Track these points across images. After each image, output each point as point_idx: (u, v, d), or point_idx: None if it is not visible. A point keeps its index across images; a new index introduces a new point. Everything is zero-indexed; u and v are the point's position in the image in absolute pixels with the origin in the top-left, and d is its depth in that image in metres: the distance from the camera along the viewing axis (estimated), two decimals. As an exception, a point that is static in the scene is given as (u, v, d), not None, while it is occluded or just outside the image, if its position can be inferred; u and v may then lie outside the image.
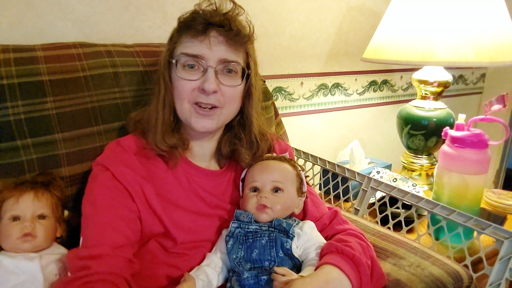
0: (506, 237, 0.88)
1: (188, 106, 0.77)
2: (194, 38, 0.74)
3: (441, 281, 0.78)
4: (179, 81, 0.76)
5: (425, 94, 1.49)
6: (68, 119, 0.85)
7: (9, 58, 0.83)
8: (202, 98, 0.75)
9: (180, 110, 0.78)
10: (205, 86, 0.74)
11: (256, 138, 0.86)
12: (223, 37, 0.75)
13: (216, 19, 0.74)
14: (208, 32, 0.74)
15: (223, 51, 0.75)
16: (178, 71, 0.76)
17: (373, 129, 1.97)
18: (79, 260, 0.67)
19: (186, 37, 0.76)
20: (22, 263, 0.72)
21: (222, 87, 0.76)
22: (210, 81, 0.74)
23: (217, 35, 0.74)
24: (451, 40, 1.22)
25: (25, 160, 0.80)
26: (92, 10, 1.11)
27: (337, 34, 1.68)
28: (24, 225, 0.73)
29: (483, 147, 1.08)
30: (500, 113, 1.11)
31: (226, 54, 0.75)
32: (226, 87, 0.76)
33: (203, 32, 0.74)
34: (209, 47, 0.74)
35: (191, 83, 0.75)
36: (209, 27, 0.74)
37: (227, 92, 0.77)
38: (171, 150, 0.78)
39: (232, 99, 0.79)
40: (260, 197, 0.78)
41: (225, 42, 0.75)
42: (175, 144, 0.78)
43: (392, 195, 1.11)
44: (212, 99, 0.76)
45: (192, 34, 0.74)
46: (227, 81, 0.77)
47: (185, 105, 0.77)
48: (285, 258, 0.74)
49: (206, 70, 0.75)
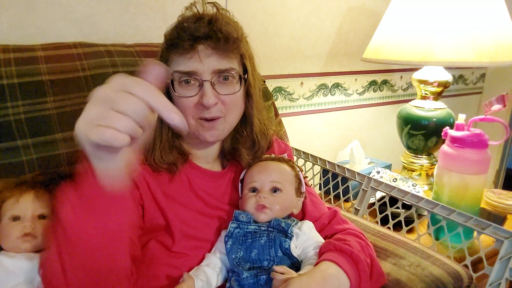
0: (506, 237, 0.88)
1: (193, 121, 0.76)
2: (183, 56, 0.73)
3: (441, 281, 0.78)
4: (179, 99, 0.75)
5: (425, 94, 1.49)
6: (68, 119, 0.85)
7: (9, 58, 0.83)
8: (205, 113, 0.75)
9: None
10: (204, 102, 0.72)
11: (257, 137, 0.86)
12: (212, 48, 0.73)
13: (202, 31, 0.71)
14: (196, 47, 0.72)
15: (215, 61, 0.73)
16: (176, 90, 0.75)
17: (373, 129, 1.97)
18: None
19: (175, 55, 0.74)
20: (22, 263, 0.72)
21: (221, 97, 0.75)
22: (208, 96, 0.72)
23: (205, 49, 0.72)
24: (451, 40, 1.22)
25: (25, 160, 0.80)
26: (92, 10, 1.11)
27: (337, 34, 1.68)
28: (24, 225, 0.73)
29: (483, 147, 1.08)
30: (500, 113, 1.11)
31: (219, 64, 0.74)
32: (225, 96, 0.75)
33: (190, 48, 0.72)
34: (199, 61, 0.72)
35: (191, 99, 0.74)
36: (196, 42, 0.72)
37: (227, 100, 0.76)
38: (169, 167, 0.78)
39: (234, 106, 0.78)
40: (259, 197, 0.78)
41: (215, 53, 0.73)
42: (174, 161, 0.78)
43: (392, 195, 1.11)
44: (213, 112, 0.75)
45: (180, 52, 0.73)
46: (225, 90, 0.76)
47: (191, 121, 0.76)
48: (284, 258, 0.74)
49: (202, 84, 0.73)
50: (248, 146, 0.86)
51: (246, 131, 0.86)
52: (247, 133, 0.86)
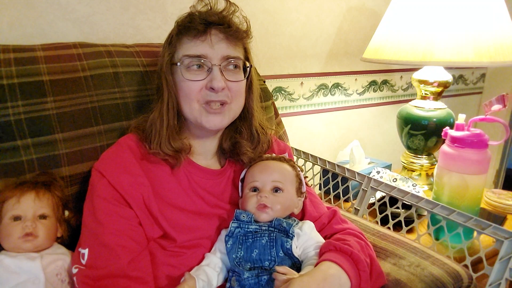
0: (506, 237, 0.88)
1: (197, 106, 0.77)
2: (195, 39, 0.76)
3: (441, 281, 0.78)
4: (185, 82, 0.76)
5: (425, 94, 1.49)
6: (68, 119, 0.85)
7: (9, 58, 0.83)
8: (212, 96, 0.77)
9: (189, 111, 0.78)
10: (213, 84, 0.75)
11: (257, 131, 0.88)
12: (223, 34, 0.76)
13: (214, 18, 0.76)
14: (209, 30, 0.76)
15: (224, 48, 0.77)
16: (183, 73, 0.77)
17: (373, 129, 1.97)
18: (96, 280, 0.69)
19: (187, 38, 0.77)
20: (23, 262, 0.72)
21: (228, 83, 0.78)
22: (217, 79, 0.75)
23: (218, 33, 0.76)
24: (451, 40, 1.23)
25: (25, 160, 0.80)
26: (92, 10, 1.11)
27: (337, 34, 1.68)
28: (25, 224, 0.73)
29: (483, 147, 1.08)
30: (500, 113, 1.11)
31: (228, 51, 0.77)
32: (232, 83, 0.78)
33: (203, 31, 0.75)
34: (211, 45, 0.76)
35: (199, 83, 0.76)
36: (209, 26, 0.76)
37: (233, 87, 0.79)
38: (176, 154, 0.78)
39: (239, 94, 0.81)
40: (260, 196, 0.78)
41: (226, 39, 0.77)
42: (180, 147, 0.79)
43: (392, 195, 1.11)
44: (221, 96, 0.77)
45: (193, 34, 0.76)
46: (233, 77, 0.79)
47: (194, 105, 0.77)
48: (285, 258, 0.74)
49: (211, 69, 0.76)
50: (248, 138, 0.87)
51: (246, 125, 0.87)
52: (247, 127, 0.87)
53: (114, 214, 0.73)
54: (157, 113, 0.79)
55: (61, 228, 0.80)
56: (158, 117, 0.79)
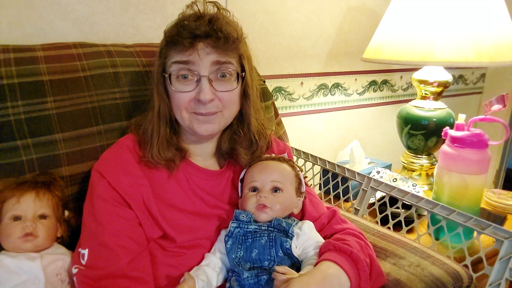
0: (506, 237, 0.88)
1: (187, 115, 0.77)
2: (181, 53, 0.73)
3: (441, 281, 0.78)
4: (175, 93, 0.76)
5: (425, 94, 1.49)
6: (68, 119, 0.85)
7: (9, 58, 0.83)
8: (200, 108, 0.75)
9: (181, 119, 0.78)
10: (200, 97, 0.73)
11: (255, 137, 0.86)
12: (211, 47, 0.73)
13: (202, 29, 0.71)
14: (195, 45, 0.72)
15: (214, 58, 0.74)
16: (172, 84, 0.75)
17: (373, 129, 1.97)
18: (96, 281, 0.69)
19: (175, 51, 0.74)
20: (23, 262, 0.72)
21: (218, 93, 0.75)
22: (205, 92, 0.73)
23: (205, 47, 0.73)
24: (451, 40, 1.22)
25: (25, 160, 0.80)
26: (92, 10, 1.11)
27: (337, 34, 1.68)
28: (25, 224, 0.73)
29: (483, 147, 1.08)
30: (500, 113, 1.11)
31: (218, 58, 0.74)
32: (223, 93, 0.76)
33: (190, 46, 0.72)
34: (199, 59, 0.73)
35: (187, 95, 0.75)
36: (195, 40, 0.72)
37: (224, 97, 0.76)
38: (167, 163, 0.78)
39: (231, 102, 0.79)
40: (260, 196, 0.78)
41: (215, 51, 0.73)
42: (171, 157, 0.78)
43: (392, 195, 1.11)
44: (209, 107, 0.75)
45: (179, 49, 0.73)
46: (223, 87, 0.76)
47: (184, 114, 0.77)
48: (285, 258, 0.74)
49: (199, 80, 0.74)
50: (246, 146, 0.86)
51: (243, 131, 0.86)
52: (244, 133, 0.86)
53: (114, 214, 0.73)
54: (149, 120, 0.79)
55: (61, 228, 0.80)
56: (149, 126, 0.79)
